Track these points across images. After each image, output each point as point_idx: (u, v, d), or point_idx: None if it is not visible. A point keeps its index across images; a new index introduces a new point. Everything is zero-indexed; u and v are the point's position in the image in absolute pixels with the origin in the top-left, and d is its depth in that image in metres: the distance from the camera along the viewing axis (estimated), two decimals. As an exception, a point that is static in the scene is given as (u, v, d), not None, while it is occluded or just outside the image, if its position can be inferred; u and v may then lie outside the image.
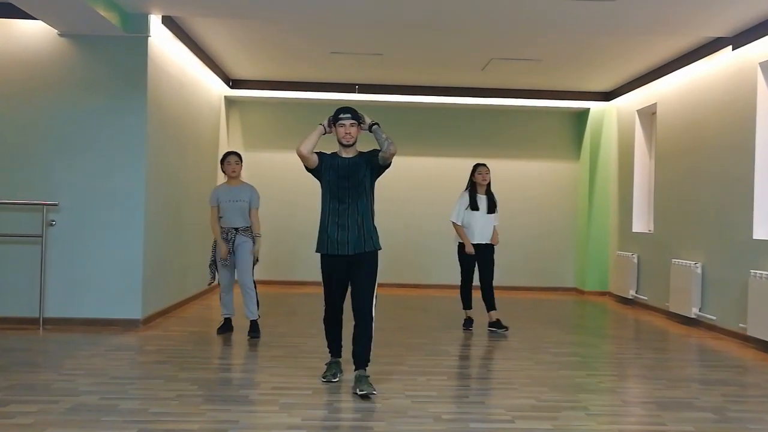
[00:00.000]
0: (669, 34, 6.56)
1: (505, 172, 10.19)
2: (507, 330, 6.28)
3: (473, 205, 6.40)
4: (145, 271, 6.18)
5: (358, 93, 9.47)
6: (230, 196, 5.79)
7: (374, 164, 4.22)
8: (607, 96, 9.57)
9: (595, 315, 8.01)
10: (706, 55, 6.89)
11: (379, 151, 4.19)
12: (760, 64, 6.08)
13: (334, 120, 4.19)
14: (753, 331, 5.87)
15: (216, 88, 8.95)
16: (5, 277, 6.06)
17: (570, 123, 10.29)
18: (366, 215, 4.22)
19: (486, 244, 6.45)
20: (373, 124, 4.19)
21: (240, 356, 5.20)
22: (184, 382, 4.23)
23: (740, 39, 6.28)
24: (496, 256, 6.53)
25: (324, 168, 4.23)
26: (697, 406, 4.00)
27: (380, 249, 4.27)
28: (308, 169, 4.27)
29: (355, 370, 4.13)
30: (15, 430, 3.28)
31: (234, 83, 9.45)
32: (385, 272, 9.72)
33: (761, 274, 5.77)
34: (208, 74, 8.33)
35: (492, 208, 6.46)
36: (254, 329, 5.75)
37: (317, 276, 4.46)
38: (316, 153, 4.20)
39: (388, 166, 4.25)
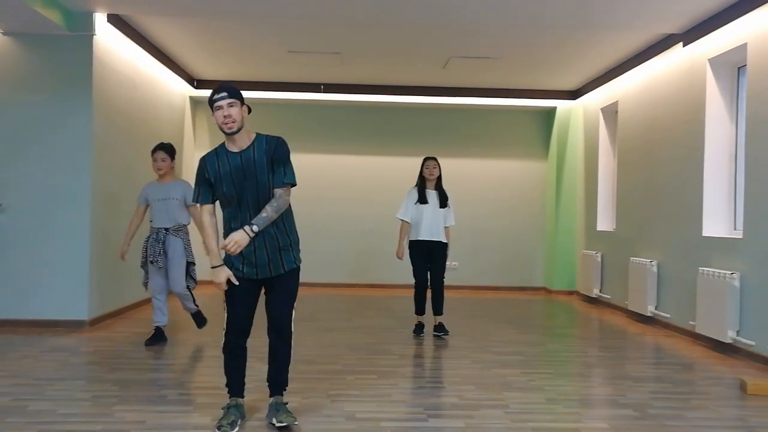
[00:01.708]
0: (620, 30, 6.52)
1: (475, 172, 10.18)
2: (447, 334, 6.02)
3: (422, 199, 6.02)
4: (92, 271, 6.13)
5: (324, 93, 9.44)
6: (160, 194, 5.35)
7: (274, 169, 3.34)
8: (574, 94, 9.53)
9: (557, 314, 7.96)
10: (659, 53, 6.85)
11: (282, 154, 3.34)
12: (709, 60, 6.04)
13: (210, 104, 3.30)
14: (701, 329, 5.83)
15: (178, 88, 8.90)
16: (-52, 279, 6.02)
17: (538, 122, 10.26)
18: (279, 225, 3.36)
19: (437, 241, 6.05)
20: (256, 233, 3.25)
21: (176, 357, 5.14)
22: (106, 383, 4.18)
23: (690, 35, 6.24)
24: (466, 256, 6.25)
25: (214, 177, 3.32)
26: (620, 403, 3.95)
27: (300, 263, 3.50)
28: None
29: (271, 395, 3.50)
30: None
31: (199, 83, 9.40)
32: (348, 272, 9.89)
33: (709, 271, 5.72)
34: (167, 74, 8.28)
35: (443, 203, 6.07)
36: (199, 318, 5.67)
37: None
38: (206, 185, 3.36)
39: None
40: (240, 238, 3.20)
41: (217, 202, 3.43)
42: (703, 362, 5.19)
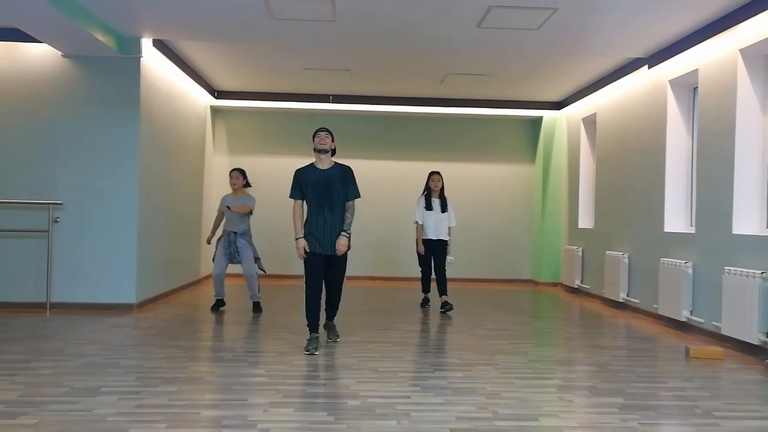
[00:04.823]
0: (595, 55, 7.53)
1: (468, 175, 11.19)
2: (452, 308, 7.39)
3: (428, 206, 7.56)
4: (138, 261, 7.09)
5: (332, 103, 10.41)
6: (233, 204, 7.05)
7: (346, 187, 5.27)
8: (558, 105, 10.56)
9: (541, 301, 8.96)
10: (629, 73, 7.88)
11: (351, 178, 5.24)
12: (670, 81, 7.07)
13: (314, 135, 5.27)
14: (662, 311, 6.85)
15: (202, 99, 9.86)
16: (17, 267, 6.97)
17: (526, 129, 11.29)
18: (339, 224, 5.23)
19: (440, 239, 7.56)
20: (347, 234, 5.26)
21: (221, 331, 6.11)
22: (172, 348, 5.15)
23: (654, 59, 7.27)
24: (461, 251, 7.57)
25: (304, 183, 5.22)
26: (587, 362, 4.96)
27: (349, 250, 5.39)
28: None
29: (327, 319, 5.67)
30: (39, 378, 4.18)
31: (219, 94, 10.36)
32: (361, 266, 10.88)
33: (669, 261, 6.75)
34: (194, 87, 9.24)
35: (444, 208, 7.59)
36: (257, 308, 7.21)
37: (296, 269, 5.38)
38: (299, 188, 5.22)
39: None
40: (344, 242, 5.19)
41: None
42: (661, 336, 6.21)
